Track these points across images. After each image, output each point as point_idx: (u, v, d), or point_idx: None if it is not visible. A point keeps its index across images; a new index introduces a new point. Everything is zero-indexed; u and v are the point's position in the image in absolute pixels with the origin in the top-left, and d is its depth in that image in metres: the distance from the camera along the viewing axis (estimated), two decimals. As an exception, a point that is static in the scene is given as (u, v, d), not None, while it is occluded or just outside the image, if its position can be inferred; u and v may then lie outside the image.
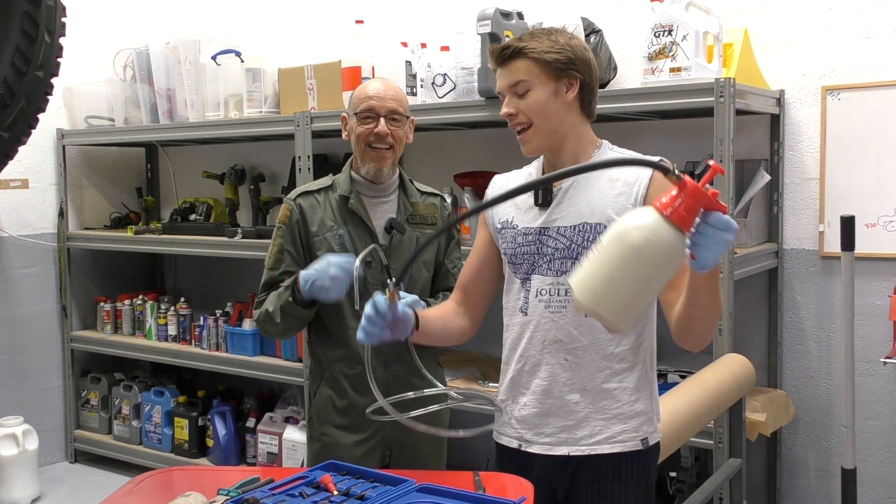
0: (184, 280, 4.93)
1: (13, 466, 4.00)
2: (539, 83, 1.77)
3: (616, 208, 1.75)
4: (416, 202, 2.37)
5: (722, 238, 1.37)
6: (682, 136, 3.28)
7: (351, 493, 1.69)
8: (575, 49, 1.78)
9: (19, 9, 2.78)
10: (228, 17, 4.51)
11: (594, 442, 1.79)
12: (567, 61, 1.76)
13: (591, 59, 1.81)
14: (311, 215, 2.32)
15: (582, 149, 1.83)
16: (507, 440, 1.91)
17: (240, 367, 4.00)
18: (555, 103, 1.77)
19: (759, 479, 3.22)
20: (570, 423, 1.80)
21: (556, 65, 1.76)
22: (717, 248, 1.38)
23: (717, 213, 1.36)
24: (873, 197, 2.96)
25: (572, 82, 1.78)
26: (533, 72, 1.77)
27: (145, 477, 1.92)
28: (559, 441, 1.82)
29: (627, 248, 1.36)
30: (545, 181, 1.77)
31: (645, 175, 1.76)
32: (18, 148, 3.06)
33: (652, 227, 1.36)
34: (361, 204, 2.31)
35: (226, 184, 4.29)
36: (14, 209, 4.46)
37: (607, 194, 1.77)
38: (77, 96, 4.59)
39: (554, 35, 1.79)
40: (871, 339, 3.00)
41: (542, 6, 3.48)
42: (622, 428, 1.80)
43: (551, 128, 1.79)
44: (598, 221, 1.75)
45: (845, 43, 3.01)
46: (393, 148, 2.29)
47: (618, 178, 1.78)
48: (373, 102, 2.27)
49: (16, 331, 4.45)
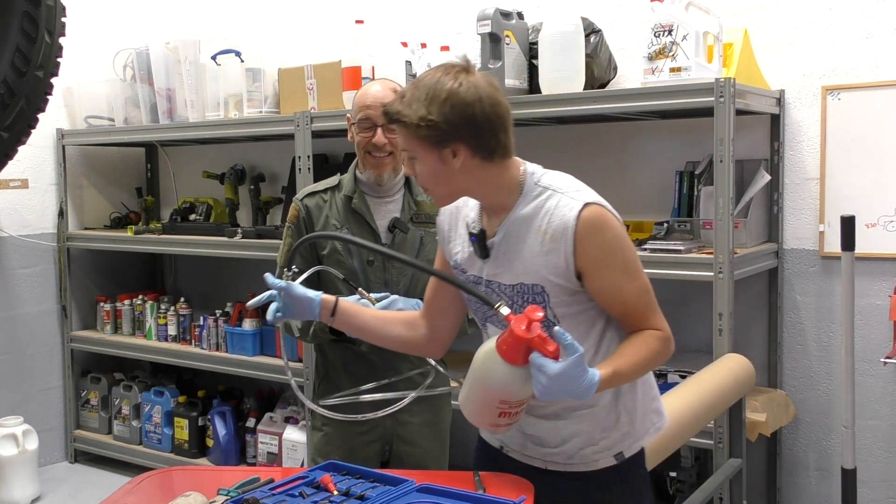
0: (184, 280, 4.93)
1: (13, 466, 4.00)
2: (421, 154, 1.64)
3: (549, 268, 1.65)
4: (422, 201, 2.36)
5: (541, 380, 1.50)
6: (682, 136, 3.28)
7: (351, 493, 1.69)
8: (449, 114, 1.58)
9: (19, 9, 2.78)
10: (228, 17, 4.51)
11: (570, 462, 1.79)
12: (441, 133, 1.60)
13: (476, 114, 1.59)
14: (316, 215, 2.34)
15: (501, 193, 1.69)
16: (490, 438, 1.91)
17: (240, 367, 4.00)
18: (444, 170, 1.64)
19: (759, 479, 3.22)
20: (546, 445, 1.80)
21: (430, 140, 1.61)
22: (537, 385, 1.51)
23: (535, 354, 1.51)
24: (873, 197, 2.96)
25: (456, 150, 1.62)
26: (412, 143, 1.64)
27: (145, 477, 1.92)
28: (537, 455, 1.82)
29: (473, 372, 1.65)
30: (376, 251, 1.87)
31: (569, 229, 1.62)
32: (18, 148, 3.06)
33: (486, 355, 1.61)
34: (365, 204, 2.32)
35: (226, 184, 4.29)
36: (14, 209, 4.46)
37: (538, 252, 1.66)
38: (77, 96, 4.59)
39: (430, 97, 1.60)
40: (871, 339, 3.00)
41: (542, 6, 3.48)
42: (593, 449, 1.78)
43: (450, 190, 1.69)
44: (534, 282, 1.67)
45: (845, 43, 3.01)
46: (392, 154, 2.28)
47: (545, 231, 1.64)
48: (370, 111, 2.26)
49: (16, 331, 4.45)
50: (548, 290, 1.67)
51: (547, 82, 3.01)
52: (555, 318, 1.69)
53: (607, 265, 1.65)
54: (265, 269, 2.70)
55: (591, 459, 1.78)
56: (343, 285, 2.24)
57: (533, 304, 1.68)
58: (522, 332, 1.53)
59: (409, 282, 2.30)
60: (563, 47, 2.96)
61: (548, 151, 3.14)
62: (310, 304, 1.87)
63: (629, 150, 3.40)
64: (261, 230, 3.87)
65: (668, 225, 3.02)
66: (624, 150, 3.40)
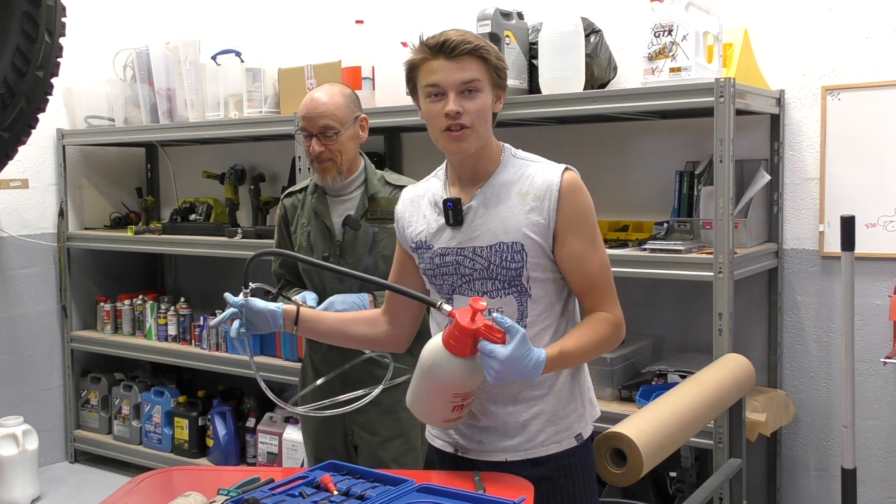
0: (184, 280, 4.93)
1: (13, 466, 4.01)
2: (486, 88, 1.74)
3: (530, 226, 1.73)
4: (380, 197, 2.48)
5: (492, 365, 1.57)
6: (682, 136, 3.28)
7: (351, 493, 1.69)
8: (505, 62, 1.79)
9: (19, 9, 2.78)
10: (228, 17, 4.51)
11: (530, 447, 1.80)
12: (505, 74, 1.77)
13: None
14: (291, 214, 2.59)
15: (488, 157, 1.80)
16: (442, 444, 1.92)
17: (240, 367, 4.00)
18: (490, 111, 1.76)
19: (759, 479, 3.22)
20: (506, 433, 1.81)
21: (500, 73, 1.76)
22: (489, 371, 1.57)
23: (484, 342, 1.57)
24: (873, 197, 2.96)
25: (500, 94, 1.79)
26: (485, 74, 1.73)
27: (145, 477, 1.92)
28: (496, 449, 1.82)
29: (421, 371, 1.68)
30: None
31: (554, 186, 1.73)
32: (18, 148, 3.06)
33: (434, 353, 1.65)
34: (322, 203, 2.51)
35: (226, 184, 4.29)
36: (14, 209, 4.46)
37: (519, 210, 1.74)
38: (77, 96, 4.59)
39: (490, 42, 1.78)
40: (871, 339, 3.00)
41: (542, 6, 3.48)
42: (555, 429, 1.81)
43: (485, 134, 1.76)
44: (513, 240, 1.74)
45: (845, 43, 3.01)
46: (332, 160, 2.43)
47: (527, 192, 1.75)
48: (305, 123, 2.44)
49: (16, 331, 4.45)
50: (527, 248, 1.74)
51: (547, 82, 3.01)
52: (528, 282, 1.75)
53: (579, 229, 1.75)
54: (265, 268, 2.75)
55: (553, 441, 1.81)
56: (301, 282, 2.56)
57: (511, 263, 1.74)
58: (468, 323, 1.58)
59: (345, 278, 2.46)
60: (563, 47, 2.96)
61: (548, 151, 3.12)
62: (273, 317, 1.91)
63: (629, 150, 3.40)
64: (261, 230, 3.87)
65: (668, 225, 3.02)
66: (624, 150, 3.40)
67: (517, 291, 1.76)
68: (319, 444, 2.58)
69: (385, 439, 2.50)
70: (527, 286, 1.76)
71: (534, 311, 1.78)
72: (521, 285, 1.75)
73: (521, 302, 1.77)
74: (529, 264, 1.74)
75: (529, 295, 1.77)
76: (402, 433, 2.51)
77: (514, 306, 1.77)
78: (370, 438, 2.50)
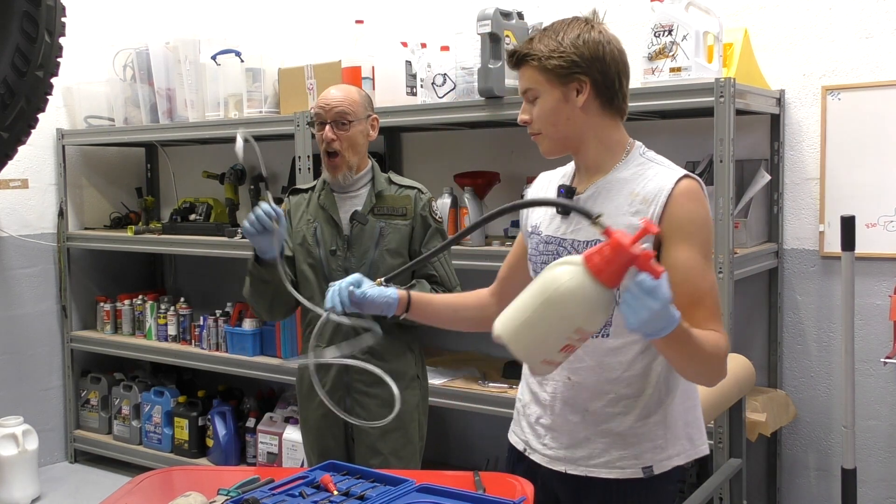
0: (184, 280, 4.93)
1: (13, 466, 4.00)
2: (545, 91, 1.67)
3: (631, 229, 1.55)
4: (386, 194, 2.56)
5: (645, 303, 1.34)
6: (682, 136, 3.28)
7: (351, 493, 1.69)
8: (582, 48, 1.64)
9: (19, 9, 2.78)
10: (228, 17, 4.51)
11: (592, 465, 1.72)
12: (571, 65, 1.64)
13: (606, 54, 1.65)
14: (295, 211, 2.63)
15: (607, 152, 1.71)
16: (515, 440, 1.88)
17: (240, 367, 4.00)
18: (565, 109, 1.67)
19: (759, 479, 3.22)
20: (570, 441, 1.75)
21: (558, 71, 1.64)
22: (640, 313, 1.35)
23: (644, 274, 1.33)
24: (873, 197, 2.96)
25: (581, 85, 1.65)
26: (537, 79, 1.68)
27: (145, 477, 1.92)
28: (558, 457, 1.76)
29: (542, 289, 1.39)
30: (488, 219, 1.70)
31: (664, 191, 1.63)
32: (18, 148, 3.06)
33: (569, 274, 1.36)
34: (330, 199, 2.57)
35: (226, 184, 4.29)
36: (14, 209, 4.46)
37: (625, 211, 1.65)
38: (77, 96, 4.59)
39: (563, 33, 1.66)
40: (871, 339, 3.00)
41: (542, 6, 3.48)
42: (621, 454, 1.70)
43: (562, 135, 1.70)
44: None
45: (845, 43, 3.01)
46: (341, 154, 2.50)
47: (637, 194, 1.66)
48: (319, 109, 2.52)
49: (16, 331, 4.45)
50: None
51: (547, 82, 3.00)
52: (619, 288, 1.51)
53: (691, 237, 1.61)
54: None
55: (615, 466, 1.71)
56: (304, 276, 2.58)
57: None
58: (628, 245, 1.33)
59: (367, 270, 2.48)
60: (563, 47, 2.96)
61: (548, 151, 3.14)
62: (388, 306, 1.86)
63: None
64: (261, 230, 3.86)
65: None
66: (624, 150, 3.40)
67: None
68: (321, 436, 2.59)
69: (384, 432, 2.50)
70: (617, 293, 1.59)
71: (619, 323, 1.64)
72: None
73: None
74: None
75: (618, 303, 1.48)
76: (400, 426, 2.54)
77: None
78: (369, 431, 2.51)
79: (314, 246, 2.55)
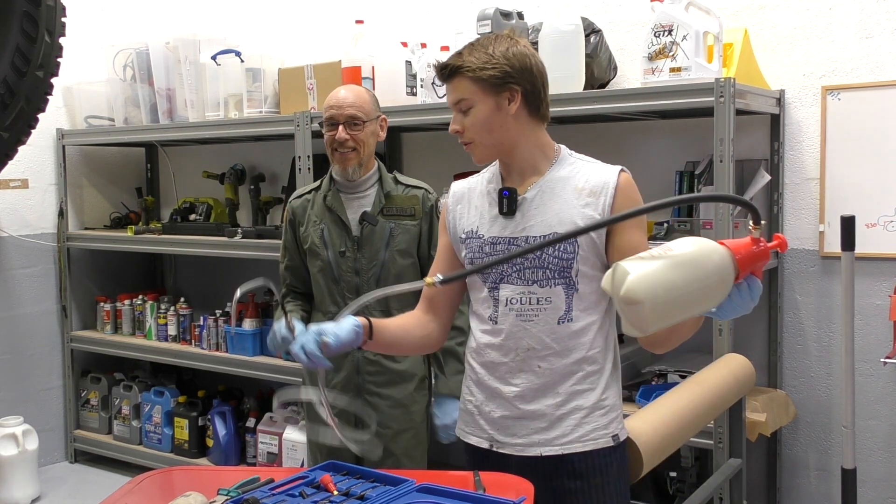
0: (184, 280, 4.93)
1: (13, 466, 4.00)
2: (479, 100, 1.79)
3: (585, 219, 1.78)
4: (395, 195, 2.56)
5: (747, 304, 1.48)
6: (682, 136, 3.28)
7: (351, 493, 1.69)
8: (512, 60, 1.77)
9: (19, 9, 2.78)
10: (228, 17, 4.51)
11: (566, 441, 1.82)
12: (503, 75, 1.76)
13: (532, 66, 1.80)
14: (300, 215, 2.62)
15: (538, 154, 1.85)
16: (477, 440, 1.91)
17: (240, 367, 4.00)
18: (498, 117, 1.79)
19: (759, 479, 3.22)
20: (543, 425, 1.82)
21: (492, 81, 1.76)
22: (742, 307, 1.48)
23: (758, 281, 1.47)
24: (873, 197, 2.96)
25: (513, 95, 1.78)
26: (471, 90, 1.78)
27: (145, 477, 1.92)
28: (532, 443, 1.83)
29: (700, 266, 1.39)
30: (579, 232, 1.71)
31: (610, 184, 1.80)
32: (18, 148, 3.06)
33: (725, 260, 1.42)
34: (338, 200, 2.56)
35: (226, 184, 4.29)
36: (14, 209, 4.46)
37: (574, 204, 1.80)
38: (77, 96, 4.59)
39: (492, 46, 1.78)
40: (871, 339, 3.00)
41: (542, 6, 3.48)
42: (593, 426, 1.82)
43: (496, 141, 1.82)
44: (567, 231, 1.76)
45: (845, 43, 3.01)
46: (356, 150, 2.50)
47: (583, 188, 1.81)
48: (332, 111, 2.51)
49: (16, 331, 4.45)
50: (580, 240, 1.77)
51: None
52: (577, 276, 1.78)
53: (639, 222, 1.82)
54: (265, 268, 2.76)
55: (589, 439, 1.81)
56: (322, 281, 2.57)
57: (563, 254, 1.77)
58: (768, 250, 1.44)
59: (378, 271, 2.49)
60: (563, 47, 2.96)
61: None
62: (357, 336, 1.79)
63: (629, 150, 3.39)
64: (261, 230, 3.87)
65: (668, 225, 3.02)
66: (624, 150, 3.40)
67: (566, 284, 1.79)
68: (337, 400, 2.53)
69: (396, 432, 2.54)
70: (575, 279, 1.79)
71: (579, 306, 1.80)
72: (570, 278, 1.79)
73: (568, 295, 1.80)
74: (580, 257, 1.78)
75: (576, 289, 1.80)
76: (412, 427, 2.57)
77: (562, 297, 1.80)
78: (382, 431, 2.53)
79: (321, 248, 2.54)
